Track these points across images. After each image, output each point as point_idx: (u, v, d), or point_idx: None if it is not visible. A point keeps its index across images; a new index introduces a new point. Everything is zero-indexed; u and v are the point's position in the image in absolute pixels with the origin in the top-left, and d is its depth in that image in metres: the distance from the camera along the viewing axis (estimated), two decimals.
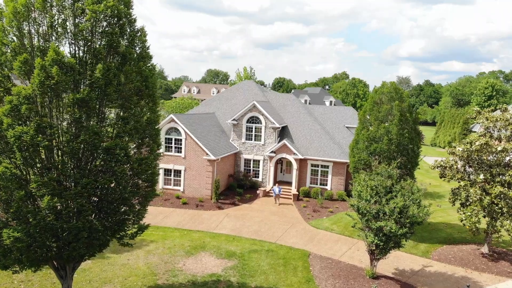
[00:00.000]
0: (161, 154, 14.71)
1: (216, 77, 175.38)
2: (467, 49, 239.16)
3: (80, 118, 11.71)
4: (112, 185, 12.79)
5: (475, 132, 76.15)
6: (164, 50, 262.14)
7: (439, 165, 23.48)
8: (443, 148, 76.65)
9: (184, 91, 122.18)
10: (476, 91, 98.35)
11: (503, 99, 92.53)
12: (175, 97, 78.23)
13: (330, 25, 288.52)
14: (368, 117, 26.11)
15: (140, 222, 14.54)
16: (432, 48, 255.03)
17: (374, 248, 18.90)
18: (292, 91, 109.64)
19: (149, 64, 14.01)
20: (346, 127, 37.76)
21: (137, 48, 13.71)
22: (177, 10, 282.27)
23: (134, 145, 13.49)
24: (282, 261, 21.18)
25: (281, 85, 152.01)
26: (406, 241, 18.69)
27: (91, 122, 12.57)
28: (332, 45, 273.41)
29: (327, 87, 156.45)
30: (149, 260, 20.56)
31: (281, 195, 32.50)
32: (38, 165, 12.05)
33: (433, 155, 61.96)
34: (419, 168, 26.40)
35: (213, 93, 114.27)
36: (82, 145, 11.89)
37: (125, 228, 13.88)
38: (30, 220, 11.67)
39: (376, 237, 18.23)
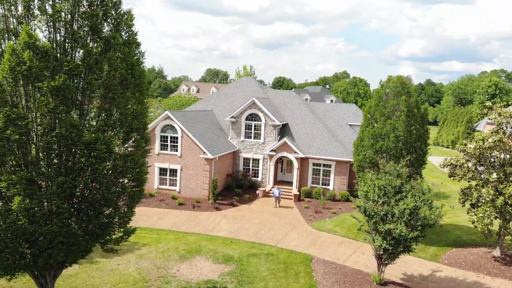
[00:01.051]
0: (150, 151, 13.32)
1: (215, 76, 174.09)
2: (467, 49, 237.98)
3: (55, 108, 10.37)
4: (94, 184, 11.46)
5: (479, 131, 75.02)
6: (164, 50, 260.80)
7: (449, 164, 22.15)
8: (447, 147, 75.31)
9: (183, 90, 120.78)
10: (479, 89, 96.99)
11: (506, 97, 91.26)
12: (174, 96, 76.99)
13: (330, 25, 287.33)
14: (372, 113, 24.81)
15: (127, 225, 13.16)
16: (432, 48, 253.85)
17: (381, 252, 17.57)
18: (293, 90, 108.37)
19: (136, 52, 12.72)
20: (349, 124, 36.45)
21: (123, 33, 12.41)
22: (177, 10, 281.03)
23: (119, 140, 12.13)
24: (283, 266, 19.86)
25: (281, 85, 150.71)
26: (416, 245, 17.38)
27: (73, 115, 11.28)
28: (332, 45, 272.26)
29: (327, 86, 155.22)
30: (141, 265, 19.23)
31: (281, 196, 31.19)
32: (9, 162, 10.73)
33: (437, 155, 60.62)
34: (423, 168, 25.06)
35: (213, 92, 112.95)
36: (58, 139, 10.55)
37: (109, 232, 12.51)
38: (0, 223, 10.36)
39: (385, 241, 16.91)
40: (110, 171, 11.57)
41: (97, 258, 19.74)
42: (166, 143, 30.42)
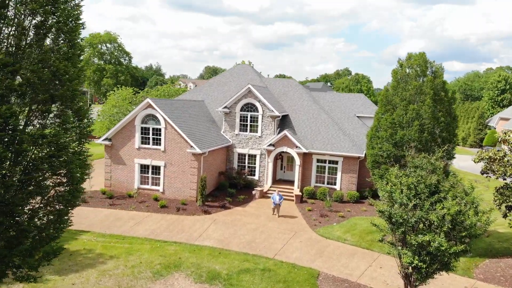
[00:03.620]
0: (90, 132, 9.19)
1: (214, 74, 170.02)
2: (467, 49, 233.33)
3: None
4: None
5: (491, 126, 70.88)
6: (164, 50, 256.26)
7: (486, 157, 18.03)
8: (457, 145, 71.11)
9: (179, 86, 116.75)
10: (487, 85, 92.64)
11: None
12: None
13: (330, 25, 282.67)
14: (390, 98, 20.70)
15: (53, 242, 9.03)
16: (432, 48, 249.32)
17: (411, 271, 13.46)
18: None
19: None
20: (357, 116, 32.32)
21: None
22: (177, 10, 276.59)
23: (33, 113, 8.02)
24: (282, 286, 15.75)
25: None
26: (457, 261, 13.29)
27: None
28: (332, 45, 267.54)
29: (329, 84, 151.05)
30: (102, 284, 15.13)
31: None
32: None
33: None
34: (451, 164, 21.02)
35: None
36: None
37: (22, 253, 8.39)
38: None
39: (416, 257, 12.81)
40: (10, 161, 7.44)
41: (49, 275, 15.65)
42: (147, 136, 26.30)
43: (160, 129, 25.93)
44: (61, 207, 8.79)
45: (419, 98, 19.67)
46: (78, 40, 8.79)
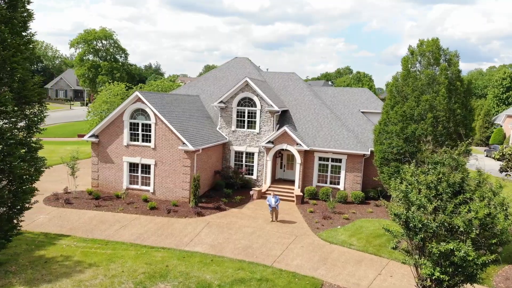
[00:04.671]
0: (43, 120, 7.34)
1: None
2: (467, 48, 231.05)
3: None
4: None
5: (498, 124, 68.87)
6: (164, 50, 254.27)
7: (510, 152, 16.17)
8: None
9: (175, 83, 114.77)
10: (492, 82, 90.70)
11: None
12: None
13: (330, 25, 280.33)
14: (400, 89, 18.84)
15: None
16: None
17: (430, 283, 11.62)
18: None
19: None
20: (362, 112, 30.47)
21: None
22: (177, 10, 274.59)
23: None
24: None
25: None
26: (483, 272, 11.45)
27: None
28: (332, 45, 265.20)
29: (330, 82, 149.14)
30: None
31: (281, 197, 25.27)
32: None
33: None
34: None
35: None
36: None
37: None
38: None
39: (438, 268, 10.97)
40: None
41: (19, 285, 13.83)
42: (137, 132, 24.46)
43: (150, 125, 24.09)
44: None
45: (432, 89, 17.82)
46: (25, 2, 6.98)
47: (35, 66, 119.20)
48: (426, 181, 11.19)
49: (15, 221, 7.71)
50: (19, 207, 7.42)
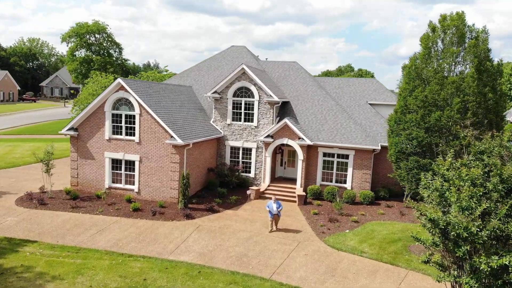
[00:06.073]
0: None
1: None
2: None
3: None
4: None
5: (508, 120, 66.29)
6: (165, 50, 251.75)
7: None
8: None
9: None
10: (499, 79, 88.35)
11: None
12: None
13: (330, 25, 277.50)
14: (419, 71, 16.20)
15: None
16: None
17: None
18: None
19: None
20: (369, 104, 27.86)
21: None
22: (177, 10, 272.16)
23: None
24: None
25: None
26: None
27: None
28: (333, 45, 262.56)
29: None
30: None
31: (281, 198, 22.68)
32: None
33: None
34: None
35: None
36: None
37: None
38: None
39: (481, 285, 8.37)
40: None
41: None
42: (120, 125, 21.87)
43: (134, 116, 21.49)
44: None
45: (458, 70, 15.21)
46: None
47: (31, 64, 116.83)
48: (471, 176, 8.58)
49: None
50: None
